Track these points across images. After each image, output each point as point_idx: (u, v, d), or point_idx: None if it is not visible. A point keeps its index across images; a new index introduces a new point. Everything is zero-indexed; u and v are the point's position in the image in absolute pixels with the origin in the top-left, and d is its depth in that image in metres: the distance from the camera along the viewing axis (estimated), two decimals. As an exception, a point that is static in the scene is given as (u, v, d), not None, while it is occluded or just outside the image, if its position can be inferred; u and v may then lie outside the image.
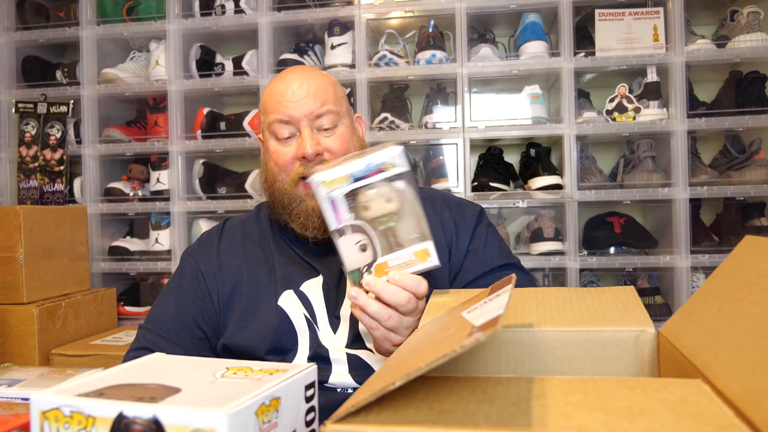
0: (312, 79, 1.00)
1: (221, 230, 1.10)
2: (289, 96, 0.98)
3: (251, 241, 1.07)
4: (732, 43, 1.88)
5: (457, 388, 0.39)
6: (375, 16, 2.05)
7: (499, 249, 1.05)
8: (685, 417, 0.33)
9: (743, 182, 1.82)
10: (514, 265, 1.04)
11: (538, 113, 1.97)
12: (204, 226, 2.10)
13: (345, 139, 1.01)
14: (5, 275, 1.72)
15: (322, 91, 1.00)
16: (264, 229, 1.09)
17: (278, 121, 0.99)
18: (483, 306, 0.47)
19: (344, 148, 1.01)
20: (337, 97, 1.03)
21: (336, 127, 1.01)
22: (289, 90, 0.99)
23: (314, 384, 0.48)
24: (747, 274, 0.45)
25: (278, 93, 1.00)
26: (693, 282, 1.86)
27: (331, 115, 1.00)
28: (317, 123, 0.99)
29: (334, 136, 1.00)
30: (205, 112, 2.14)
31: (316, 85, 1.00)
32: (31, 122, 2.19)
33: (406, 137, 2.01)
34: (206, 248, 1.08)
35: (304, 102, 0.98)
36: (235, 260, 1.04)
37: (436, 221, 1.05)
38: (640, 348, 0.50)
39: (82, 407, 0.39)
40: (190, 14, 2.15)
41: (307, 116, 0.98)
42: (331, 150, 1.00)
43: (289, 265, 1.02)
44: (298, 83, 0.99)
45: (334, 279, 1.00)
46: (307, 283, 1.00)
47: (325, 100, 0.99)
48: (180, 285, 1.04)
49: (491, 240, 1.05)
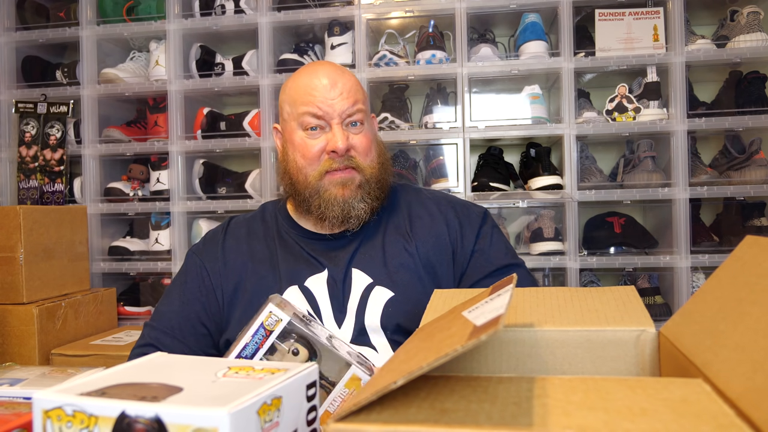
0: (345, 77, 1.04)
1: (226, 228, 1.12)
2: (324, 92, 1.01)
3: (256, 239, 1.09)
4: (732, 43, 1.88)
5: (459, 388, 0.39)
6: (375, 16, 2.05)
7: (505, 249, 1.06)
8: (685, 416, 0.33)
9: (743, 182, 1.83)
10: (519, 266, 1.05)
11: (538, 113, 1.97)
12: (204, 226, 2.10)
13: (369, 139, 1.05)
14: (5, 275, 1.72)
15: (355, 90, 1.03)
16: (269, 226, 1.10)
17: (310, 114, 1.01)
18: (484, 306, 0.47)
19: (368, 146, 1.04)
20: (365, 97, 1.07)
21: (362, 126, 1.04)
22: (322, 86, 1.01)
23: (315, 383, 0.48)
24: (748, 274, 0.45)
25: (312, 87, 1.02)
26: (693, 282, 1.86)
27: (360, 114, 1.03)
28: (348, 120, 1.02)
29: (361, 135, 1.04)
30: (205, 112, 2.14)
31: (349, 83, 1.03)
32: (31, 122, 2.19)
33: (406, 137, 2.01)
34: (211, 246, 1.09)
35: (338, 100, 1.01)
36: (240, 257, 1.06)
37: (440, 221, 1.06)
38: (640, 348, 0.50)
39: (85, 406, 0.39)
40: (190, 14, 2.15)
41: (341, 114, 1.01)
42: (357, 148, 1.03)
43: (294, 261, 1.04)
44: (332, 80, 1.02)
45: (339, 273, 1.01)
46: (311, 278, 1.01)
47: (357, 98, 1.03)
48: (185, 283, 1.06)
49: (496, 240, 1.07)
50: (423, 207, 1.09)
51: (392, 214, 1.08)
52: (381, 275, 1.00)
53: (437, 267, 1.03)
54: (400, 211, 1.09)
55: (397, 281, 0.99)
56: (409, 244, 1.03)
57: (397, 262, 1.01)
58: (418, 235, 1.04)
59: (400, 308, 0.97)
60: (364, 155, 1.03)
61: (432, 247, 1.03)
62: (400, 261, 1.01)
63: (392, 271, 1.00)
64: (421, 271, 1.01)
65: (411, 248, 1.03)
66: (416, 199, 1.11)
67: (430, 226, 1.05)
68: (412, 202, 1.10)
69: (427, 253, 1.03)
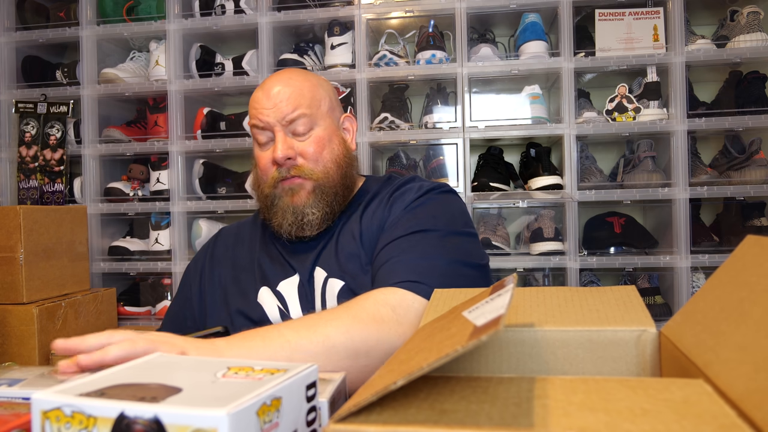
0: (288, 84, 1.02)
1: (216, 238, 1.18)
2: (264, 102, 1.01)
3: (241, 244, 1.13)
4: (732, 43, 1.88)
5: (459, 388, 0.39)
6: (375, 16, 2.04)
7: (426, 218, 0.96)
8: (687, 417, 0.33)
9: (743, 182, 1.82)
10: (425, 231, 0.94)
11: (538, 113, 1.97)
12: (204, 226, 2.10)
13: (320, 143, 1.03)
14: (5, 275, 1.72)
15: (296, 95, 1.01)
16: (256, 229, 1.14)
17: (255, 126, 1.03)
18: (484, 306, 0.47)
19: (319, 151, 1.03)
20: (314, 99, 1.03)
21: (311, 131, 1.03)
22: (265, 96, 1.02)
23: (315, 384, 0.48)
24: (749, 273, 0.45)
25: (256, 99, 1.03)
26: (693, 282, 1.86)
27: (304, 119, 1.01)
28: (291, 127, 1.01)
29: (308, 140, 1.02)
30: (205, 112, 2.14)
31: (290, 89, 1.02)
32: (31, 122, 2.18)
33: (406, 137, 2.01)
34: (202, 254, 1.17)
35: (277, 107, 1.00)
36: (224, 268, 1.11)
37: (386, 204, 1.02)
38: (641, 348, 0.50)
39: (84, 407, 0.39)
40: (190, 14, 2.15)
41: (279, 121, 1.01)
42: (305, 154, 1.02)
43: (271, 263, 1.06)
44: (276, 88, 1.02)
45: (306, 275, 1.02)
46: (283, 282, 1.03)
47: (298, 104, 1.01)
48: (178, 292, 1.15)
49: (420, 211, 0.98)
50: (379, 195, 1.06)
51: (350, 208, 1.07)
52: (334, 268, 1.00)
53: None
54: (358, 205, 1.07)
55: (346, 271, 0.99)
56: (357, 233, 1.02)
57: (346, 252, 1.01)
58: (365, 223, 1.03)
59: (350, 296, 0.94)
60: (313, 161, 1.02)
61: (374, 233, 1.00)
62: (349, 251, 1.01)
63: (342, 262, 1.00)
64: (365, 258, 0.99)
65: (357, 237, 1.02)
66: (381, 189, 1.08)
67: (375, 211, 1.03)
68: (375, 192, 1.07)
69: (370, 239, 1.00)
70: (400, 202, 1.01)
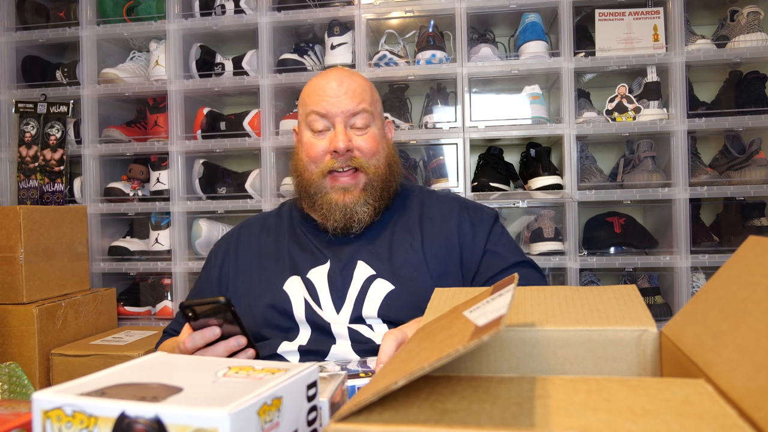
0: (352, 79, 1.07)
1: (240, 228, 1.20)
2: (329, 92, 1.05)
3: (267, 234, 1.15)
4: (732, 43, 1.88)
5: (460, 388, 0.39)
6: (375, 16, 2.04)
7: (515, 248, 1.09)
8: (687, 417, 0.33)
9: (743, 182, 1.82)
10: (529, 263, 1.08)
11: (538, 113, 1.97)
12: (204, 226, 2.10)
13: (375, 140, 1.07)
14: (5, 275, 1.72)
15: (360, 91, 1.06)
16: (283, 220, 1.16)
17: (315, 113, 1.05)
18: (485, 305, 0.47)
19: (374, 148, 1.07)
20: (373, 99, 1.09)
21: (368, 128, 1.07)
22: (329, 86, 1.05)
23: (316, 383, 0.48)
24: (750, 273, 0.45)
25: (319, 88, 1.07)
26: (693, 282, 1.86)
27: (365, 115, 1.06)
28: (351, 121, 1.05)
29: (366, 136, 1.06)
30: (205, 112, 2.14)
31: (355, 84, 1.06)
32: (31, 122, 2.18)
33: (406, 137, 2.01)
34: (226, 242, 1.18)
35: (342, 99, 1.04)
36: (249, 255, 1.12)
37: (452, 222, 1.09)
38: (642, 348, 0.50)
39: (84, 406, 0.39)
40: (190, 14, 2.15)
41: (343, 113, 1.04)
42: (362, 149, 1.06)
43: (300, 252, 1.08)
44: (338, 81, 1.06)
45: (343, 264, 1.04)
46: (313, 270, 1.05)
47: (362, 99, 1.06)
48: (200, 276, 1.16)
49: (507, 240, 1.10)
50: (436, 208, 1.12)
51: (403, 214, 1.12)
52: (384, 269, 1.03)
53: (444, 266, 1.05)
54: (412, 211, 1.12)
55: (399, 276, 1.02)
56: (417, 242, 1.05)
57: (402, 258, 1.04)
58: (428, 234, 1.07)
59: (399, 301, 1.00)
60: (368, 156, 1.06)
61: (440, 247, 1.05)
62: (405, 257, 1.04)
63: (396, 266, 1.03)
64: (426, 268, 1.03)
65: (417, 246, 1.05)
66: (430, 201, 1.14)
67: (441, 226, 1.08)
68: (425, 203, 1.13)
69: (434, 252, 1.05)
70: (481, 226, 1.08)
